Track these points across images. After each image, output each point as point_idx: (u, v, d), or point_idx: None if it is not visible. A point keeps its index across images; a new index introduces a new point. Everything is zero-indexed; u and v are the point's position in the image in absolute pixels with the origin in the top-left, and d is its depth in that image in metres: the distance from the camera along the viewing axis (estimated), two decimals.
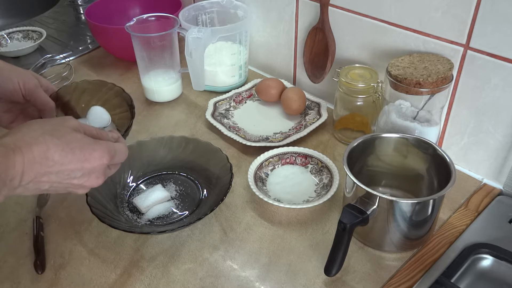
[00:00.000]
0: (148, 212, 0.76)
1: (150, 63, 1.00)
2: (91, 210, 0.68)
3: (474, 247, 0.68)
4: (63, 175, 0.52)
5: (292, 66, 1.05)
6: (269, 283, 0.67)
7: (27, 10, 1.53)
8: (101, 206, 0.72)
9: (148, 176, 0.83)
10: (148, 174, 0.83)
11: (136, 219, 0.75)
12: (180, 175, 0.83)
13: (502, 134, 0.75)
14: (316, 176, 0.82)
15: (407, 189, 0.76)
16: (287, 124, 0.95)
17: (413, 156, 0.73)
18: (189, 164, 0.83)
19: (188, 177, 0.82)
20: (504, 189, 0.78)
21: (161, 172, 0.83)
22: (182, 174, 0.83)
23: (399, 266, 0.68)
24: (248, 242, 0.73)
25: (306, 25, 0.96)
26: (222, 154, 0.79)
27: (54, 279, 0.68)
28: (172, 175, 0.83)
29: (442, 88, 0.72)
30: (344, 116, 0.88)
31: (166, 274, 0.68)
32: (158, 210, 0.76)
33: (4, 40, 1.26)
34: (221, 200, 0.71)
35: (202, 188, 0.80)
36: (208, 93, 1.05)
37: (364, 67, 0.86)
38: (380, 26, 0.83)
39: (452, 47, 0.75)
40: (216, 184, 0.77)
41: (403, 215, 0.65)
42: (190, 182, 0.81)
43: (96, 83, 0.90)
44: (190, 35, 0.93)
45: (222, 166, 0.77)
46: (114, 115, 0.86)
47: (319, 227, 0.74)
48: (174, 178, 0.83)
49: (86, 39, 1.28)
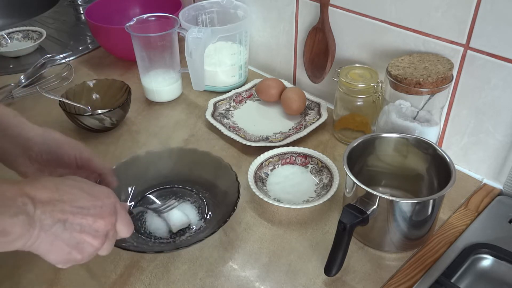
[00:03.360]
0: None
1: (150, 63, 1.00)
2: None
3: (474, 247, 0.68)
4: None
5: (292, 66, 1.05)
6: (269, 283, 0.67)
7: (27, 10, 1.53)
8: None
9: (154, 189, 0.80)
10: (155, 187, 0.80)
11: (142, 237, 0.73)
12: (185, 189, 0.80)
13: (502, 134, 0.75)
14: (316, 176, 0.82)
15: (407, 189, 0.76)
16: (287, 124, 0.95)
17: (413, 156, 0.73)
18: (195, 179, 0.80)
19: (194, 191, 0.80)
20: (504, 189, 0.78)
21: (166, 186, 0.81)
22: (187, 188, 0.80)
23: (399, 266, 0.68)
24: (248, 242, 0.73)
25: (306, 25, 0.96)
26: (232, 171, 0.76)
27: (54, 279, 0.68)
28: (178, 189, 0.80)
29: (442, 88, 0.72)
30: (344, 116, 0.88)
31: (166, 274, 0.68)
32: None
33: (4, 40, 1.26)
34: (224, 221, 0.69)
35: (208, 205, 0.77)
36: (208, 93, 1.05)
37: (364, 67, 0.86)
38: (380, 26, 0.83)
39: (452, 47, 0.75)
40: (222, 201, 0.75)
41: (403, 215, 0.65)
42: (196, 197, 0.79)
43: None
44: (190, 35, 0.93)
45: (231, 184, 0.75)
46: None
47: (319, 227, 0.74)
48: (181, 192, 0.80)
49: (86, 39, 1.28)
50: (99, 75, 1.12)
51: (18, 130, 0.65)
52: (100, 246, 0.54)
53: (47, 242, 0.49)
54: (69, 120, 0.93)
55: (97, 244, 0.53)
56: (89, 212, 0.52)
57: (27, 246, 0.48)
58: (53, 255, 0.51)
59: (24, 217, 0.46)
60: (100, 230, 0.53)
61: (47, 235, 0.49)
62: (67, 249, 0.51)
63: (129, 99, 0.95)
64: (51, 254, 0.50)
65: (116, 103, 0.96)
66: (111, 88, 0.98)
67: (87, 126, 0.92)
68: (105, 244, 0.54)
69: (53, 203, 0.50)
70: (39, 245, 0.49)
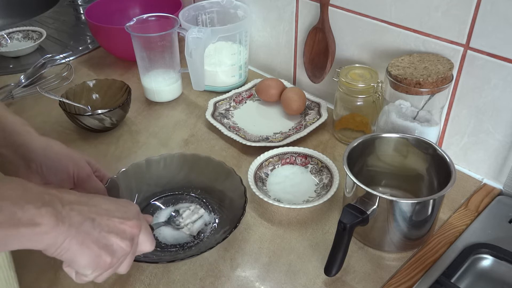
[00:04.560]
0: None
1: (150, 63, 1.00)
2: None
3: (474, 247, 0.68)
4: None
5: (292, 66, 1.05)
6: (269, 283, 0.67)
7: (27, 10, 1.53)
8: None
9: (158, 196, 0.79)
10: (158, 194, 0.79)
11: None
12: (190, 195, 0.79)
13: (502, 134, 0.75)
14: (316, 176, 0.82)
15: (407, 189, 0.76)
16: (287, 124, 0.95)
17: (413, 156, 0.73)
18: (198, 184, 0.79)
19: (198, 197, 0.79)
20: (504, 189, 0.78)
21: (169, 193, 0.80)
22: (191, 195, 0.79)
23: (399, 266, 0.68)
24: (248, 242, 0.73)
25: (306, 25, 0.96)
26: (236, 175, 0.75)
27: (54, 279, 0.68)
28: (182, 196, 0.79)
29: (442, 88, 0.72)
30: (344, 116, 0.88)
31: (166, 274, 0.68)
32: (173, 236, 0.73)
33: (4, 40, 1.26)
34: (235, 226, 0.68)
35: (214, 211, 0.77)
36: (208, 93, 1.05)
37: (364, 67, 0.86)
38: (380, 26, 0.83)
39: (452, 47, 0.75)
40: (228, 206, 0.74)
41: (403, 215, 0.65)
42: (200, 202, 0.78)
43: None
44: (190, 35, 0.93)
45: (236, 188, 0.74)
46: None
47: (319, 227, 0.74)
48: (185, 199, 0.79)
49: (86, 39, 1.28)
50: (99, 75, 1.12)
51: (22, 139, 0.65)
52: (129, 250, 0.54)
53: (77, 242, 0.49)
54: (69, 120, 0.93)
55: (125, 246, 0.53)
56: (114, 214, 0.53)
57: (58, 244, 0.47)
58: (84, 258, 0.50)
59: (51, 209, 0.46)
60: (127, 231, 0.53)
61: (78, 232, 0.49)
62: (97, 251, 0.51)
63: (129, 99, 0.95)
64: (82, 256, 0.50)
65: (116, 103, 0.96)
66: (111, 88, 0.98)
67: (87, 126, 0.92)
68: (127, 259, 0.55)
69: (80, 203, 0.50)
70: (70, 245, 0.48)
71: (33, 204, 0.45)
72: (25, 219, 0.44)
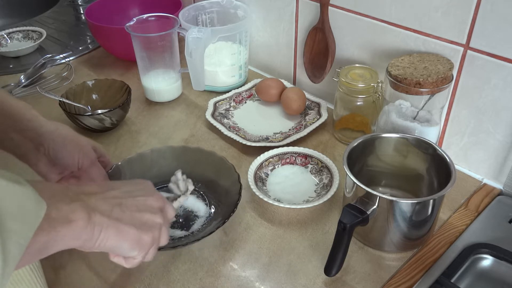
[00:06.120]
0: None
1: (150, 63, 1.00)
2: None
3: (474, 247, 0.68)
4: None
5: (292, 66, 1.05)
6: (269, 283, 0.67)
7: (27, 10, 1.53)
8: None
9: (157, 187, 0.78)
10: (158, 185, 0.79)
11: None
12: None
13: (502, 134, 0.75)
14: (316, 176, 0.82)
15: (407, 189, 0.76)
16: (287, 124, 0.95)
17: (413, 156, 0.73)
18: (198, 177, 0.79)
19: (196, 189, 0.79)
20: (504, 189, 0.78)
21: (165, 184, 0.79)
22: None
23: (399, 266, 0.68)
24: (248, 242, 0.73)
25: (306, 25, 0.96)
26: (235, 172, 0.76)
27: (54, 279, 0.68)
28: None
29: (442, 88, 0.72)
30: (344, 116, 0.88)
31: (166, 274, 0.68)
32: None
33: (4, 40, 1.26)
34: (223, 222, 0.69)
35: (210, 205, 0.77)
36: (208, 93, 1.05)
37: (364, 67, 0.86)
38: (380, 26, 0.83)
39: (452, 47, 0.75)
40: (224, 201, 0.75)
41: (403, 215, 0.65)
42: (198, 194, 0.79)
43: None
44: (190, 35, 0.93)
45: (233, 185, 0.74)
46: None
47: (319, 227, 0.74)
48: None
49: (86, 39, 1.28)
50: (99, 75, 1.12)
51: (31, 124, 0.66)
52: (162, 221, 0.56)
53: (114, 229, 0.49)
54: (69, 120, 0.93)
55: (158, 219, 0.55)
56: (136, 193, 0.55)
57: (96, 237, 0.48)
58: (126, 243, 0.51)
59: (80, 203, 0.47)
60: (154, 206, 0.55)
61: (111, 221, 0.49)
62: (135, 232, 0.51)
63: (129, 99, 0.95)
64: (123, 242, 0.51)
65: (116, 103, 0.96)
66: (111, 88, 0.98)
67: (87, 126, 0.92)
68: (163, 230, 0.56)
69: (102, 192, 0.51)
70: (108, 234, 0.49)
71: (63, 201, 0.45)
72: (60, 218, 0.44)
